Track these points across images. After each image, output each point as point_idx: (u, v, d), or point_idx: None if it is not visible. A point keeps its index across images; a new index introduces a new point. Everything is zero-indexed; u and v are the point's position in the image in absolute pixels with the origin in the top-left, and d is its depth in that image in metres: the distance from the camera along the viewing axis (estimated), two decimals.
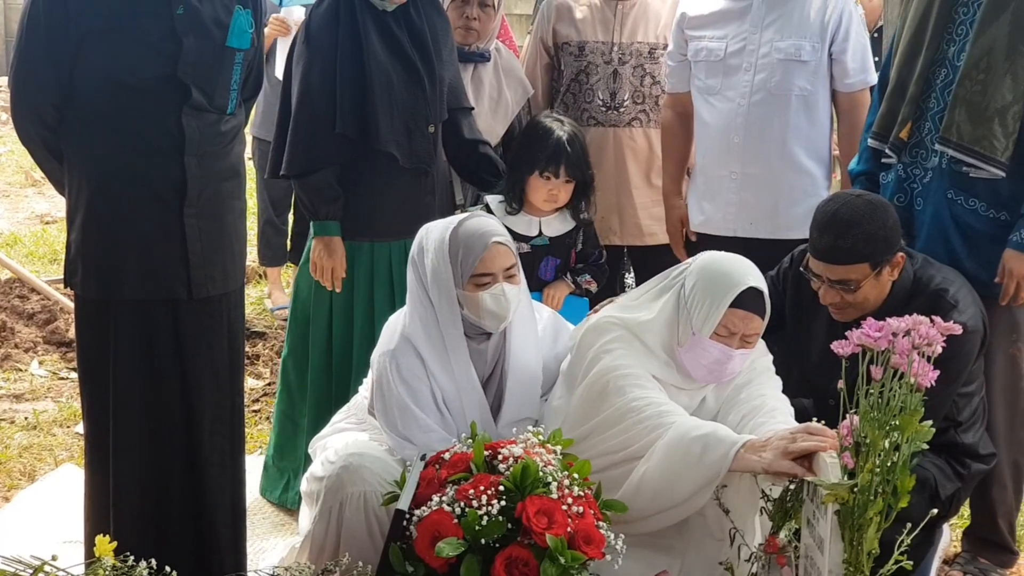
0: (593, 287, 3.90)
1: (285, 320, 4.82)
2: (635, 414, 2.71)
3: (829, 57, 3.74)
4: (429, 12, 3.65)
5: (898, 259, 3.01)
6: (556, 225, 3.86)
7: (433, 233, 2.95)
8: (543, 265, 3.86)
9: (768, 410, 2.77)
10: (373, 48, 3.51)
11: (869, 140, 3.39)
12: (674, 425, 2.64)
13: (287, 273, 6.23)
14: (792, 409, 2.85)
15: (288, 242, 5.91)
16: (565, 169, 3.77)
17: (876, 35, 4.93)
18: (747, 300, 2.80)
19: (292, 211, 5.80)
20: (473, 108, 3.83)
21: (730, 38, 3.76)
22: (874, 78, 3.82)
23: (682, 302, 2.85)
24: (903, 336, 2.27)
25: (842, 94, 3.80)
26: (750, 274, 2.84)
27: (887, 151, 3.31)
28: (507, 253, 2.93)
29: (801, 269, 3.12)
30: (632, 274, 4.86)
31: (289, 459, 3.81)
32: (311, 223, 3.65)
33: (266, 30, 5.21)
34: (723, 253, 2.95)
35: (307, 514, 2.95)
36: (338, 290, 3.62)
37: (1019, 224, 3.10)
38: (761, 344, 2.97)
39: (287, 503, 3.78)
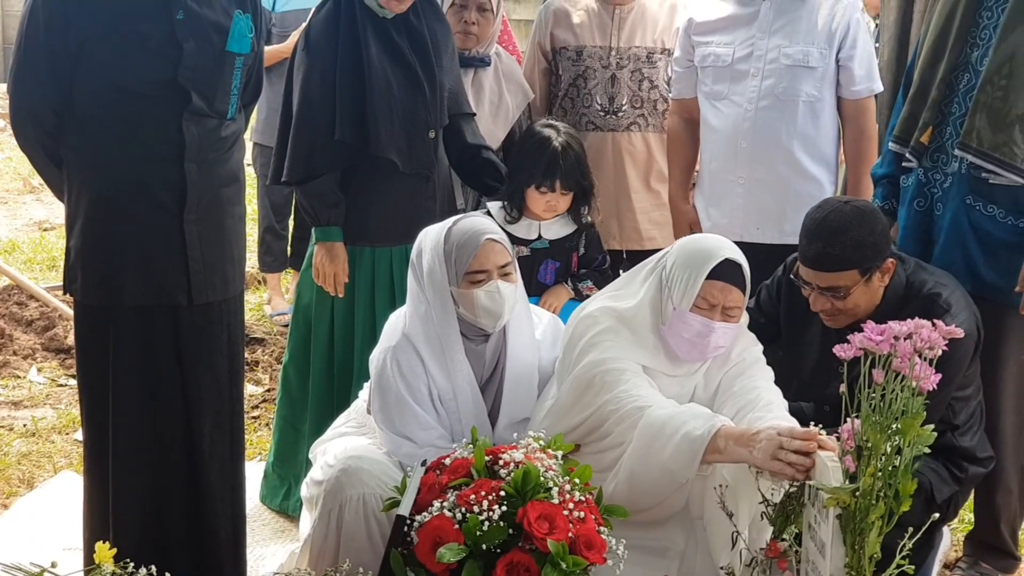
0: (595, 293, 3.88)
1: (285, 326, 4.81)
2: (615, 413, 2.74)
3: (836, 64, 3.73)
4: (430, 18, 3.64)
5: (888, 265, 3.00)
6: (556, 228, 3.86)
7: (430, 234, 2.98)
8: (543, 268, 3.85)
9: (764, 404, 2.78)
10: (373, 54, 3.51)
11: (890, 144, 3.36)
12: (645, 415, 2.66)
13: (286, 279, 6.23)
14: (785, 402, 2.86)
15: (288, 248, 5.91)
16: (561, 183, 3.77)
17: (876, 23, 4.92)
18: (724, 272, 2.84)
19: (292, 217, 5.80)
20: (475, 113, 3.83)
21: (737, 44, 3.76)
22: (880, 86, 3.82)
23: (664, 282, 2.89)
24: (904, 340, 2.27)
25: (848, 101, 3.79)
26: (726, 247, 2.89)
27: (908, 155, 3.28)
28: (501, 250, 2.94)
29: (791, 276, 3.12)
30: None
31: (290, 466, 3.79)
32: (313, 229, 3.64)
33: (276, 47, 5.21)
34: (701, 234, 2.96)
35: (307, 519, 2.95)
36: (340, 295, 3.61)
37: None
38: (751, 335, 3.00)
39: (288, 510, 3.76)
